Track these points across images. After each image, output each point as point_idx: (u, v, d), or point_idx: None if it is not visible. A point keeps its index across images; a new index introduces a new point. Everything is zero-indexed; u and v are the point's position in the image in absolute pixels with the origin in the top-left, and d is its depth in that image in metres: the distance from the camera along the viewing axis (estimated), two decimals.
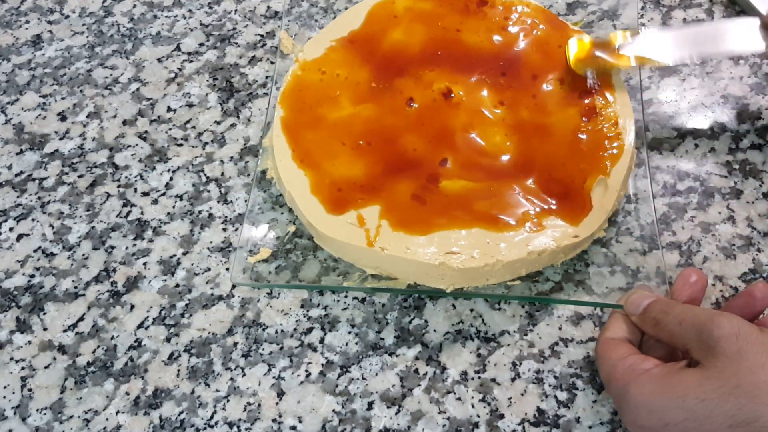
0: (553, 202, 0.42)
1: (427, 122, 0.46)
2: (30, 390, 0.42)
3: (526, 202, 0.42)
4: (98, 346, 0.43)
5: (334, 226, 0.42)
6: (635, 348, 0.37)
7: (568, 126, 0.45)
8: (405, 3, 0.51)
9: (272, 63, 0.56)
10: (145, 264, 0.46)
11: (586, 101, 0.46)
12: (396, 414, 0.40)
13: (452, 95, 0.46)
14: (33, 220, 0.49)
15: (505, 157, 0.44)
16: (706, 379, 0.32)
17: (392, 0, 0.50)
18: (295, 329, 0.43)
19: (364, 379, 0.41)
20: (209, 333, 0.43)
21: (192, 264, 0.46)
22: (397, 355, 0.42)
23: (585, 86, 0.47)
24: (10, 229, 0.48)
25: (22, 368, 0.42)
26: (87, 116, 0.54)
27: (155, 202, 0.49)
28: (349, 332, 0.43)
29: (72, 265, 0.46)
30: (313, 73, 0.48)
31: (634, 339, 0.38)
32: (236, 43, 0.57)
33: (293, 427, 0.40)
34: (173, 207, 0.49)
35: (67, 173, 0.51)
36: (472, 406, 0.40)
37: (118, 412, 0.41)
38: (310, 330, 0.43)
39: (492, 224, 0.41)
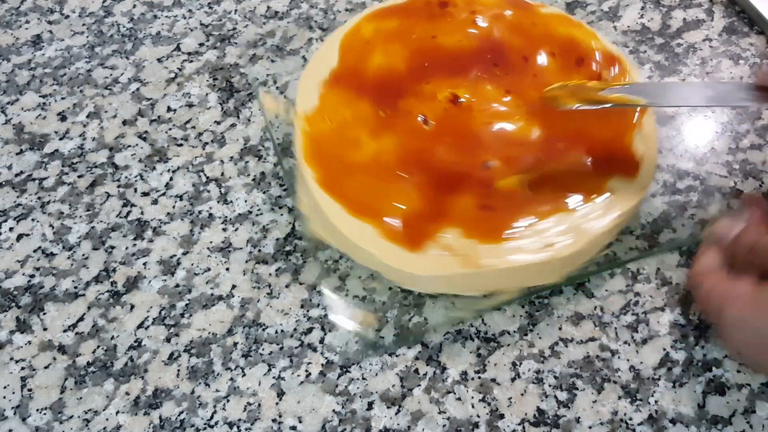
0: (605, 164, 0.43)
1: (449, 133, 0.45)
2: (30, 390, 0.42)
3: (582, 174, 0.43)
4: (98, 346, 0.43)
5: (425, 264, 0.40)
6: (726, 273, 0.38)
7: None
8: (371, 26, 0.49)
9: (273, 62, 0.56)
10: (145, 264, 0.46)
11: (593, 70, 0.47)
12: (396, 414, 0.40)
13: (460, 100, 0.46)
14: (33, 220, 0.49)
15: (537, 139, 0.44)
16: None
17: (358, 27, 0.49)
18: (295, 329, 0.43)
19: (364, 379, 0.41)
20: (209, 333, 0.43)
21: (192, 264, 0.46)
22: (397, 355, 0.42)
23: (578, 54, 0.48)
24: (10, 229, 0.48)
25: (22, 368, 0.42)
26: (87, 116, 0.54)
27: (155, 202, 0.49)
28: (349, 332, 0.43)
29: (72, 265, 0.46)
30: (321, 123, 0.45)
31: (725, 267, 0.39)
32: (236, 43, 0.57)
33: (293, 427, 0.40)
34: (173, 207, 0.49)
35: (67, 173, 0.51)
36: (472, 406, 0.40)
37: (118, 412, 0.41)
38: (310, 330, 0.43)
39: (564, 206, 0.41)
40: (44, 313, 0.44)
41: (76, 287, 0.45)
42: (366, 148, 0.44)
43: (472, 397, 0.40)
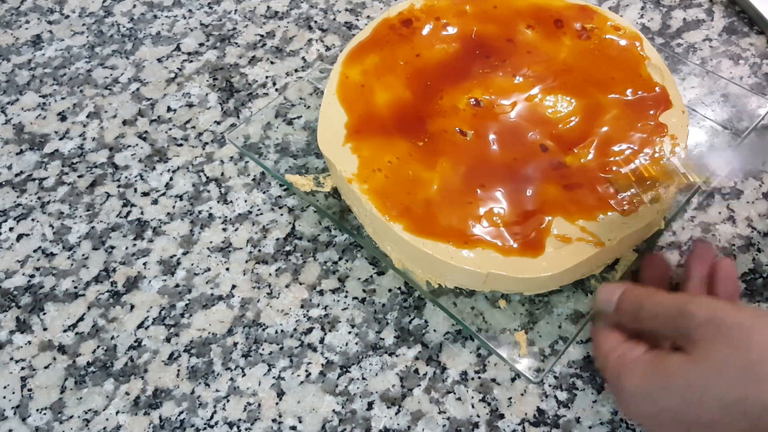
0: (642, 102, 0.45)
1: (492, 133, 0.45)
2: (30, 390, 0.42)
3: (631, 119, 0.44)
4: (98, 346, 0.43)
5: (558, 261, 0.39)
6: (625, 335, 0.37)
7: (580, 50, 0.48)
8: (356, 70, 0.47)
9: (272, 63, 0.56)
10: (145, 264, 0.46)
11: (576, 27, 0.49)
12: (396, 414, 0.40)
13: (480, 102, 0.46)
14: (33, 220, 0.49)
15: (570, 107, 0.45)
16: (690, 363, 0.32)
17: (344, 76, 0.47)
18: (295, 329, 0.43)
19: (364, 379, 0.41)
20: (209, 333, 0.43)
21: (192, 264, 0.46)
22: (397, 355, 0.42)
23: (552, 18, 0.50)
24: (10, 229, 0.48)
25: (22, 368, 0.42)
26: (87, 116, 0.54)
27: (155, 202, 0.49)
28: (349, 332, 0.43)
29: (72, 265, 0.46)
30: (374, 177, 0.42)
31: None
32: (236, 43, 0.57)
33: (293, 427, 0.40)
34: (173, 207, 0.49)
35: (67, 173, 0.51)
36: (472, 406, 0.40)
37: (118, 412, 0.41)
38: (310, 330, 0.43)
39: (638, 155, 0.42)
40: (44, 313, 0.44)
41: (76, 287, 0.45)
42: (429, 180, 0.42)
43: (472, 397, 0.40)
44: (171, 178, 0.50)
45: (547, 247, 0.39)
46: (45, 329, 0.44)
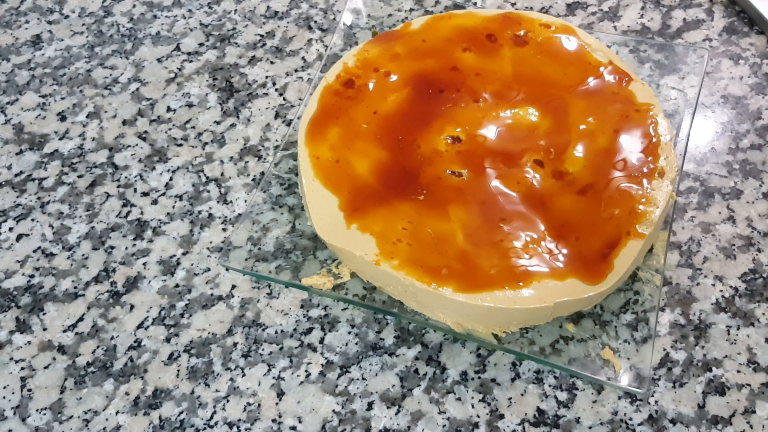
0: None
1: (485, 166, 0.44)
2: (30, 390, 0.42)
3: (606, 106, 0.45)
4: (98, 346, 0.43)
5: (619, 261, 0.39)
6: None
7: (523, 58, 0.48)
8: (323, 147, 0.45)
9: (272, 63, 0.56)
10: (144, 264, 0.46)
11: (509, 36, 0.49)
12: (396, 414, 0.40)
13: (458, 138, 0.45)
14: (33, 220, 0.49)
15: (541, 115, 0.45)
16: None
17: (316, 155, 0.44)
18: (295, 329, 0.43)
19: (364, 379, 0.41)
20: (209, 333, 0.43)
21: (192, 264, 0.46)
22: (397, 355, 0.42)
23: (483, 34, 0.49)
24: (10, 229, 0.48)
25: (22, 368, 0.42)
26: (87, 116, 0.54)
27: (155, 202, 0.49)
28: (349, 332, 0.43)
29: (72, 265, 0.46)
30: (400, 247, 0.40)
31: None
32: (236, 43, 0.57)
33: (293, 428, 0.40)
34: (173, 207, 0.49)
35: (66, 173, 0.51)
36: (472, 406, 0.40)
37: (117, 413, 0.41)
38: (310, 330, 0.43)
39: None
40: (44, 313, 0.44)
41: (75, 287, 0.45)
42: (451, 232, 0.41)
43: (472, 397, 0.40)
44: (171, 178, 0.50)
45: (612, 260, 0.39)
46: (45, 329, 0.44)
